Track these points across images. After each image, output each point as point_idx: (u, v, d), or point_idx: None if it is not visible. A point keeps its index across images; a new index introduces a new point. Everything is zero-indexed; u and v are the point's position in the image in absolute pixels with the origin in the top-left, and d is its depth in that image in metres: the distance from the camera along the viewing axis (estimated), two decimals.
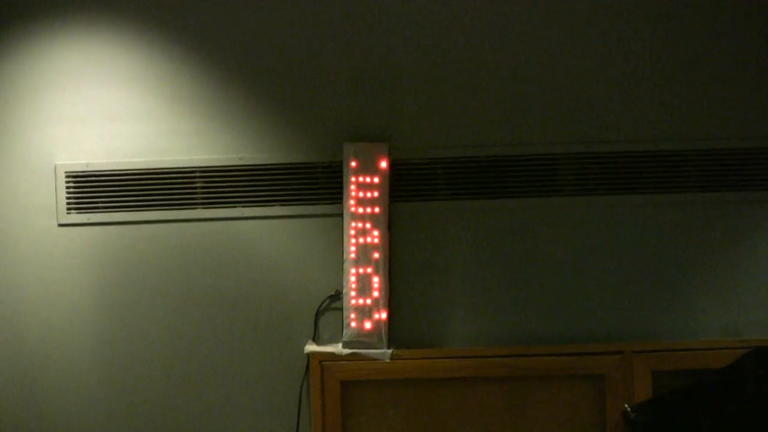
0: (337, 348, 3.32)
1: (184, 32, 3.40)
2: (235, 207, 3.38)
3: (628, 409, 3.25)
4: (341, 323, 3.33)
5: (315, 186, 3.38)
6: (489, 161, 3.38)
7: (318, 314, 3.37)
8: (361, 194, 3.32)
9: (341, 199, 3.34)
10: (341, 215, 3.34)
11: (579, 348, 3.32)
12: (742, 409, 3.18)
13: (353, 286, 3.32)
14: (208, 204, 3.38)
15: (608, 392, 3.29)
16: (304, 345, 3.34)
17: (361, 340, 3.31)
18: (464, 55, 3.40)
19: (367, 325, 3.31)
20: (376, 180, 3.33)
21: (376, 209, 3.32)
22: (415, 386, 3.33)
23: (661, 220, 3.39)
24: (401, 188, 3.37)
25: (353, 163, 3.33)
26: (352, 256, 3.32)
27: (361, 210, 3.32)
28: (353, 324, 3.31)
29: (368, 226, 3.32)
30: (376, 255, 3.32)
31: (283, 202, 3.38)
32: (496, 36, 3.40)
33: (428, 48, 3.40)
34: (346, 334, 3.32)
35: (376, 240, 3.32)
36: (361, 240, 3.32)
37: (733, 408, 3.19)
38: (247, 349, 3.38)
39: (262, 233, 3.39)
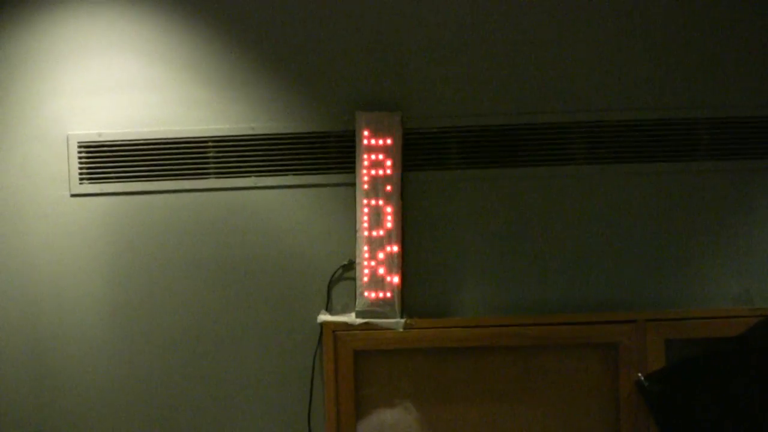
0: (350, 317, 3.32)
1: (197, 1, 3.39)
2: (248, 177, 3.37)
3: (642, 378, 3.26)
4: (354, 293, 3.33)
5: (328, 155, 3.38)
6: (501, 130, 3.37)
7: (331, 284, 3.37)
8: (373, 163, 3.31)
9: (354, 168, 3.33)
10: (354, 184, 3.33)
11: (592, 317, 3.31)
12: (756, 377, 3.19)
13: (366, 255, 3.31)
14: (220, 174, 3.37)
15: (621, 361, 3.29)
16: (317, 315, 3.34)
17: (374, 309, 3.31)
18: (476, 24, 3.39)
19: (380, 294, 3.31)
20: (389, 149, 3.32)
21: (389, 178, 3.31)
22: (428, 356, 3.33)
23: (675, 189, 3.38)
24: (414, 157, 3.36)
25: (366, 132, 3.32)
26: (365, 225, 3.31)
27: (374, 179, 3.31)
28: (366, 293, 3.31)
29: (381, 195, 3.31)
30: (389, 224, 3.31)
31: (296, 172, 3.37)
32: (509, 4, 3.38)
33: (441, 17, 3.38)
34: (359, 304, 3.32)
35: (388, 209, 3.31)
36: (374, 209, 3.31)
37: (746, 376, 3.20)
38: (260, 319, 3.38)
39: (275, 203, 3.38)
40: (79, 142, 3.38)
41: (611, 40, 3.39)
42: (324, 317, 3.33)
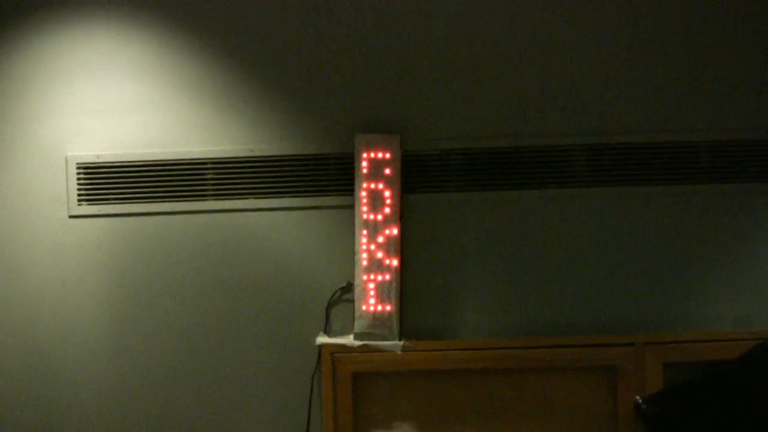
0: (349, 340, 3.33)
1: (195, 24, 3.39)
2: (247, 198, 3.37)
3: (640, 400, 3.27)
4: (352, 315, 3.33)
5: (327, 177, 3.38)
6: (501, 153, 3.37)
7: (329, 306, 3.37)
8: (372, 186, 3.32)
9: (353, 190, 3.33)
10: (353, 207, 3.33)
11: (590, 340, 3.32)
12: (753, 400, 3.19)
13: (364, 277, 3.31)
14: (219, 195, 3.37)
15: (620, 384, 3.29)
16: (316, 337, 3.34)
17: (372, 331, 3.31)
18: (476, 46, 3.39)
19: (379, 316, 3.31)
20: (387, 171, 3.32)
21: (388, 201, 3.32)
22: (427, 378, 3.33)
23: (674, 212, 3.39)
24: (413, 179, 3.36)
25: (365, 155, 3.32)
26: (364, 247, 3.31)
27: (372, 201, 3.31)
28: (364, 316, 3.31)
29: (380, 217, 3.31)
30: (388, 246, 3.31)
31: (295, 194, 3.37)
32: (508, 27, 3.39)
33: (440, 39, 3.39)
34: (358, 326, 3.32)
35: (387, 231, 3.31)
36: (372, 231, 3.31)
37: (744, 399, 3.20)
38: (258, 341, 3.38)
39: (274, 225, 3.38)
40: (77, 164, 3.37)
41: (612, 63, 3.39)
42: (322, 339, 3.33)
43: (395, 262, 3.31)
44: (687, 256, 3.38)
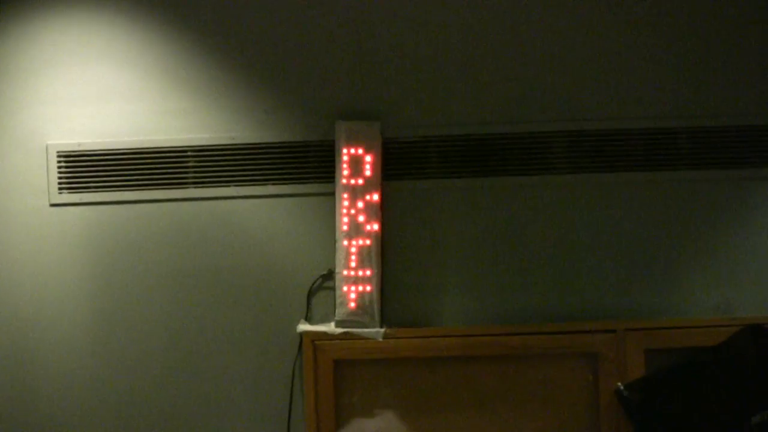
0: (330, 327, 3.32)
1: (176, 12, 3.39)
2: (228, 186, 3.37)
3: (621, 387, 3.27)
4: (334, 302, 3.33)
5: (307, 165, 3.37)
6: (481, 139, 3.37)
7: (310, 293, 3.37)
8: (353, 173, 3.31)
9: (334, 177, 3.33)
10: (334, 194, 3.33)
11: (572, 327, 3.32)
12: (735, 386, 3.20)
13: (345, 264, 3.31)
14: (200, 183, 3.37)
15: (601, 371, 3.29)
16: (297, 324, 3.33)
17: (353, 319, 3.31)
18: (456, 33, 3.39)
19: (360, 303, 3.31)
20: (368, 158, 3.32)
21: (369, 188, 3.31)
22: (408, 365, 3.33)
23: (654, 198, 3.39)
24: (393, 166, 3.36)
25: (345, 142, 3.32)
26: (345, 234, 3.31)
27: (353, 188, 3.31)
28: (345, 303, 3.31)
29: (360, 204, 3.31)
30: (369, 233, 3.31)
31: (276, 181, 3.37)
32: (489, 14, 3.39)
33: (421, 26, 3.38)
34: (339, 313, 3.32)
35: (368, 218, 3.31)
36: (353, 219, 3.31)
37: (725, 385, 3.21)
38: (239, 329, 3.38)
39: (255, 212, 3.38)
40: (58, 152, 3.37)
41: (592, 49, 3.39)
42: (304, 327, 3.33)
43: (376, 249, 3.30)
44: (668, 243, 3.38)
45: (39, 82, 3.38)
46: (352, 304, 3.31)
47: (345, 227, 3.31)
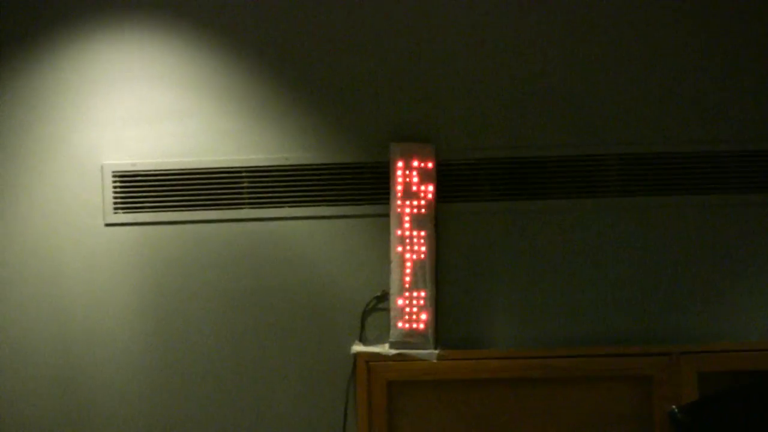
0: (384, 348, 3.33)
1: (230, 32, 3.41)
2: (282, 207, 3.38)
3: (675, 409, 3.25)
4: (388, 323, 3.33)
5: (361, 186, 3.38)
6: (533, 162, 3.37)
7: (364, 314, 3.37)
8: (407, 194, 3.32)
9: (388, 199, 3.33)
10: (387, 215, 3.33)
11: (626, 350, 3.31)
12: None
13: (399, 286, 3.31)
14: (254, 204, 3.38)
15: (655, 394, 3.28)
16: (351, 345, 3.34)
17: (407, 340, 3.31)
18: (510, 56, 3.39)
19: (414, 325, 3.31)
20: (422, 180, 3.32)
21: (422, 210, 3.32)
22: (461, 387, 3.32)
23: (707, 221, 3.38)
24: (447, 189, 3.37)
25: (399, 164, 3.33)
26: (398, 256, 3.31)
27: (407, 210, 3.32)
28: (400, 324, 3.31)
29: (414, 226, 3.31)
30: (423, 255, 3.31)
31: (330, 203, 3.38)
32: (542, 38, 3.40)
33: (474, 49, 3.39)
34: (393, 335, 3.32)
35: (422, 240, 3.31)
36: (407, 240, 3.31)
37: None
38: (293, 350, 3.38)
39: (309, 233, 3.39)
40: (113, 172, 3.39)
41: (643, 73, 3.39)
42: (357, 348, 3.34)
43: (430, 271, 3.30)
44: (722, 266, 3.38)
45: (94, 103, 3.41)
46: (407, 326, 3.31)
47: (399, 248, 3.31)
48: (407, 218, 3.31)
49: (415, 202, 3.31)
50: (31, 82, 3.41)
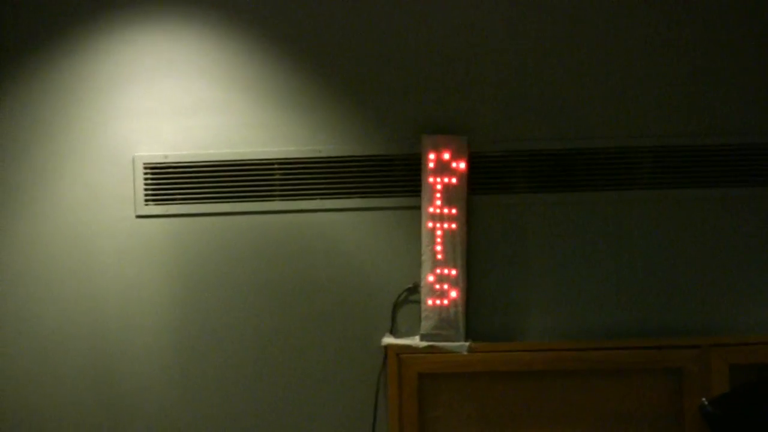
0: (415, 340, 3.33)
1: (261, 24, 3.41)
2: (314, 199, 3.38)
3: (706, 402, 3.26)
4: (419, 316, 3.33)
5: (393, 178, 3.38)
6: (567, 154, 3.38)
7: (395, 307, 3.38)
8: (439, 186, 3.32)
9: (419, 191, 3.34)
10: (419, 208, 3.34)
11: (656, 342, 3.31)
12: None
13: (431, 278, 3.32)
14: (286, 196, 3.38)
15: (685, 386, 3.28)
16: (382, 337, 3.34)
17: (438, 332, 3.31)
18: (542, 48, 3.40)
19: (445, 317, 3.31)
20: (454, 172, 3.32)
21: (454, 202, 3.32)
22: (492, 379, 3.33)
23: (738, 213, 3.38)
24: (479, 180, 3.37)
25: (431, 156, 3.33)
26: (430, 248, 3.32)
27: (439, 202, 3.32)
28: (431, 316, 3.32)
29: (446, 218, 3.32)
30: (454, 247, 3.31)
31: (362, 195, 3.38)
32: (572, 30, 3.40)
33: (506, 40, 3.40)
34: (424, 327, 3.32)
35: (454, 232, 3.32)
36: (438, 232, 3.32)
37: None
38: (324, 342, 3.38)
39: (340, 225, 3.39)
40: (145, 164, 3.39)
41: (678, 67, 3.39)
42: (388, 340, 3.34)
43: (462, 263, 3.31)
44: (755, 258, 3.38)
45: (126, 95, 3.41)
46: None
47: (429, 224, 3.30)
48: (439, 210, 3.31)
49: (446, 194, 3.31)
50: (64, 75, 3.42)
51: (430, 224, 3.32)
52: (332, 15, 3.40)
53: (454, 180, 3.31)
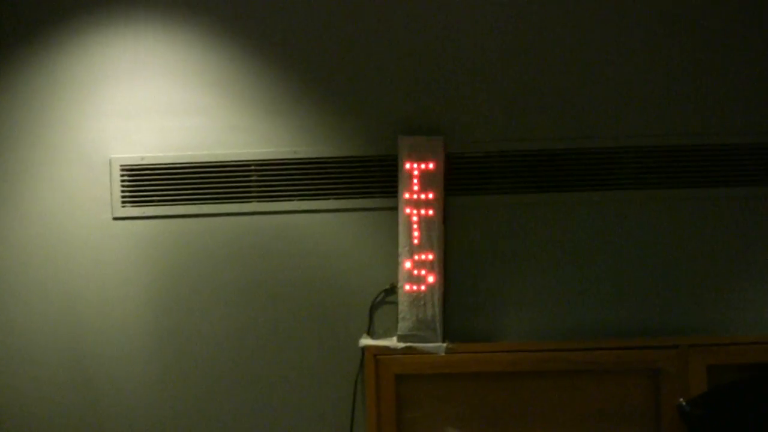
0: (392, 342, 3.32)
1: (238, 27, 3.41)
2: (290, 200, 3.38)
3: (684, 402, 3.26)
4: (396, 317, 3.33)
5: (370, 179, 3.38)
6: (545, 155, 3.37)
7: (373, 308, 3.37)
8: (415, 187, 3.31)
9: (396, 192, 3.33)
10: (396, 209, 3.33)
11: (634, 342, 3.31)
12: None
13: (408, 279, 3.31)
14: (263, 197, 3.38)
15: (663, 387, 3.28)
16: (359, 338, 3.34)
17: (416, 333, 3.31)
18: (520, 48, 3.39)
19: (422, 318, 3.31)
20: (431, 173, 3.31)
21: (431, 203, 3.31)
22: (470, 380, 3.32)
23: (718, 214, 3.38)
24: (456, 181, 3.36)
25: (408, 157, 3.32)
26: (407, 249, 3.31)
27: (416, 203, 3.31)
28: (408, 317, 3.31)
29: (423, 219, 3.31)
30: (431, 248, 3.31)
31: (338, 196, 3.38)
32: (553, 29, 3.39)
33: (484, 40, 3.39)
34: (401, 328, 3.32)
35: (430, 233, 3.31)
36: (415, 233, 3.31)
37: None
38: (301, 343, 3.38)
39: (317, 227, 3.39)
40: (121, 166, 3.39)
41: (659, 66, 3.39)
42: (366, 341, 3.34)
43: (439, 264, 3.30)
44: (732, 258, 3.38)
45: (102, 97, 3.40)
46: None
47: (407, 210, 3.30)
48: (416, 211, 3.30)
49: (423, 195, 3.30)
50: (39, 75, 3.41)
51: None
52: (309, 18, 3.40)
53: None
